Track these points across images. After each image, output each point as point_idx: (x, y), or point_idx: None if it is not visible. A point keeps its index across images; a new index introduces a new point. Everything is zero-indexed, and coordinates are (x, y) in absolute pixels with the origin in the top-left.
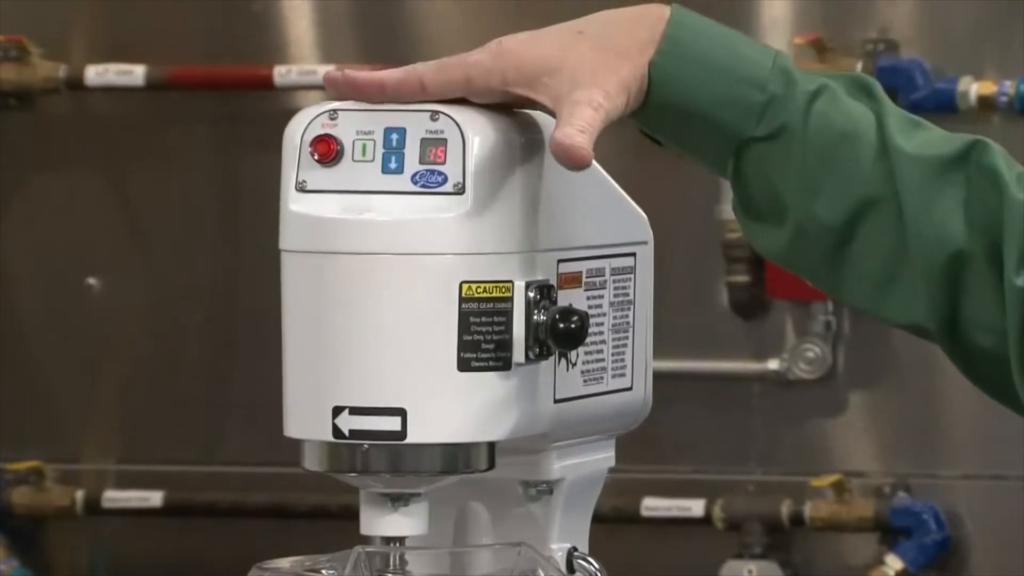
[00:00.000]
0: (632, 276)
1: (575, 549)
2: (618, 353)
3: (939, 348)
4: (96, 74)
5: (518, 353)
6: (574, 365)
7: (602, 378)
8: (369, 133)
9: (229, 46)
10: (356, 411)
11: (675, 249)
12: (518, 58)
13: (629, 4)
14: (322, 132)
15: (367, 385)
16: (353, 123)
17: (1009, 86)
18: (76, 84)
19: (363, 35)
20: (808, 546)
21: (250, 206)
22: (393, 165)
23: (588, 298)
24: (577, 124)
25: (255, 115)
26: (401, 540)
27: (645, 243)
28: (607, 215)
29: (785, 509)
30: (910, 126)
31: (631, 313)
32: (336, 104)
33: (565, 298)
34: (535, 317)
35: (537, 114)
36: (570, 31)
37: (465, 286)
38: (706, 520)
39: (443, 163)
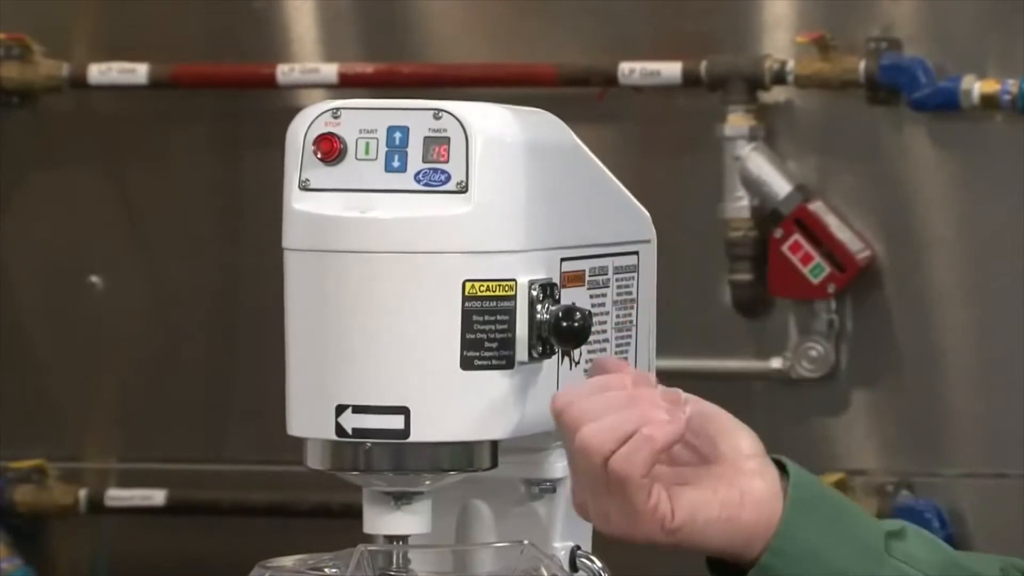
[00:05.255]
0: (635, 274)
1: (578, 547)
2: (621, 352)
3: (943, 346)
4: (99, 72)
5: (521, 351)
6: (577, 364)
7: None
8: (372, 131)
9: (232, 44)
10: (359, 409)
11: (678, 248)
12: None
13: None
14: (325, 131)
15: (370, 383)
16: (356, 121)
17: (1012, 84)
18: (79, 82)
19: (366, 33)
20: None
21: (253, 205)
22: (396, 163)
23: (591, 296)
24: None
25: (258, 114)
26: (404, 539)
27: (648, 241)
28: (610, 213)
29: None
30: None
31: (634, 312)
32: (339, 102)
33: (568, 296)
34: (538, 315)
35: (541, 112)
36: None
37: (468, 284)
38: None
39: (446, 161)
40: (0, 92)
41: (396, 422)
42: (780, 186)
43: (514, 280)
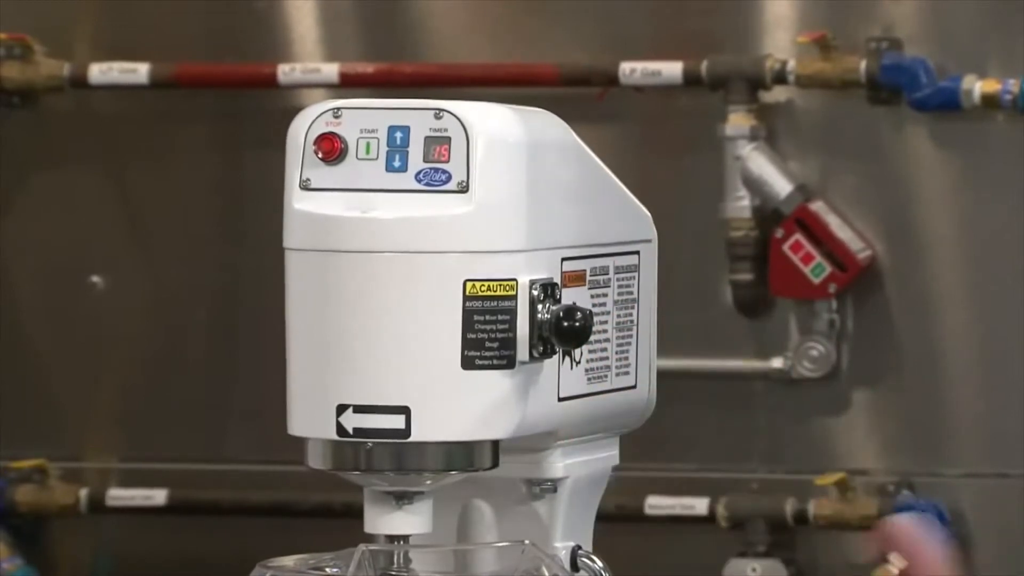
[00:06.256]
0: (636, 274)
1: (579, 547)
2: (622, 351)
3: (944, 346)
4: (100, 72)
5: (522, 351)
6: (578, 363)
7: (606, 376)
8: (373, 131)
9: (233, 44)
10: (360, 409)
11: (679, 247)
12: None
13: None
14: (326, 130)
15: (371, 383)
16: (357, 121)
17: (1013, 84)
18: (80, 82)
19: (367, 33)
20: (812, 544)
21: (253, 205)
22: (397, 163)
23: (592, 296)
24: None
25: (259, 113)
26: (405, 538)
27: (649, 241)
28: (611, 213)
29: (789, 507)
30: None
31: (635, 311)
32: (340, 102)
33: (569, 296)
34: (539, 315)
35: (542, 112)
36: None
37: (469, 284)
38: (710, 518)
39: (447, 161)
40: (1, 92)
41: (397, 422)
42: (781, 186)
43: (515, 280)
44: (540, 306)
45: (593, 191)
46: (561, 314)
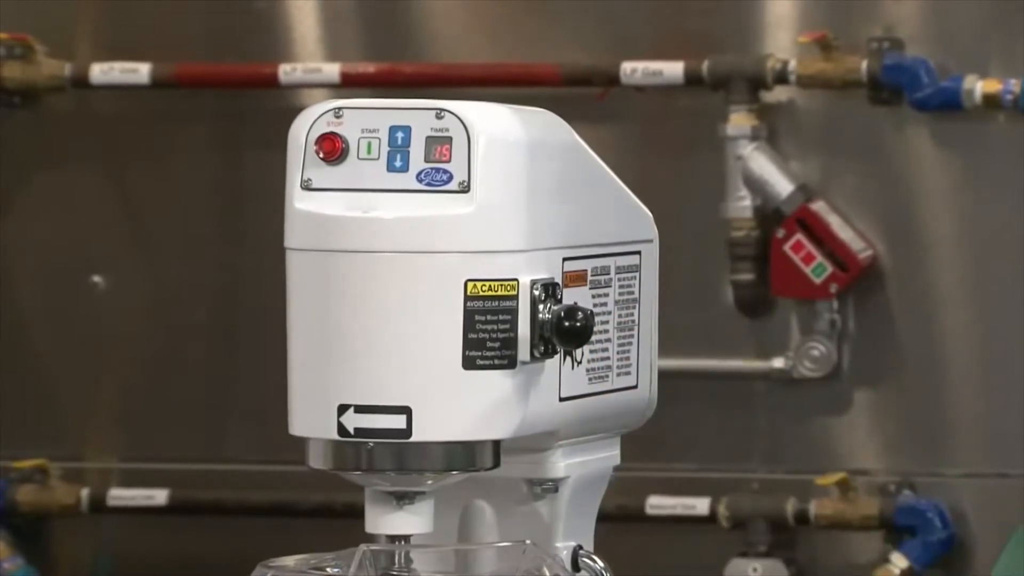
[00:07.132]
0: (637, 274)
1: (580, 547)
2: (623, 351)
3: (944, 346)
4: (101, 72)
5: (523, 351)
6: (579, 363)
7: (607, 376)
8: (374, 131)
9: (234, 44)
10: (361, 409)
11: (680, 247)
12: None
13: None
14: (327, 130)
15: (372, 383)
16: (358, 121)
17: (1014, 84)
18: (81, 82)
19: (368, 33)
20: (813, 544)
21: (254, 204)
22: (398, 163)
23: (593, 296)
24: None
25: (260, 113)
26: (406, 538)
27: (650, 241)
28: (612, 213)
29: (790, 507)
30: None
31: (636, 311)
32: (341, 102)
33: (570, 296)
34: (540, 315)
35: (543, 112)
36: None
37: (470, 284)
38: (711, 518)
39: (448, 161)
40: (2, 92)
41: (398, 422)
42: (782, 186)
43: (516, 280)
44: (541, 306)
45: (594, 191)
46: (562, 314)
